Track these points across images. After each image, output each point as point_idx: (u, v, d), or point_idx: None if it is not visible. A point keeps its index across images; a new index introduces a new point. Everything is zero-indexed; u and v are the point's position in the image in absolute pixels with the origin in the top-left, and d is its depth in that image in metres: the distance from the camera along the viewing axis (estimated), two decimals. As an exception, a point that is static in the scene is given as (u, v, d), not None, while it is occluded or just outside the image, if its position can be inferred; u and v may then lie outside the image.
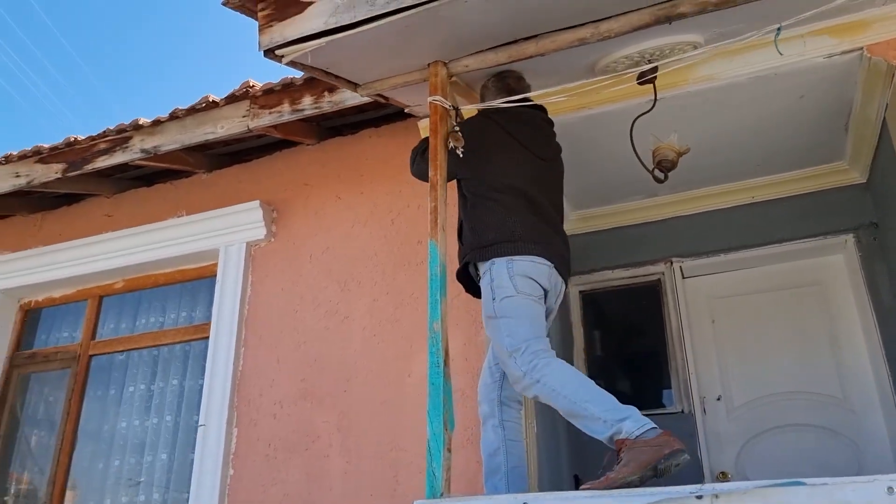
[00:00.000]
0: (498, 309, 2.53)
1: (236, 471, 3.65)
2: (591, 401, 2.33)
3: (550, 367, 2.43)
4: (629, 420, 2.24)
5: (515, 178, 2.69)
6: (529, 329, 2.49)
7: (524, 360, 2.42)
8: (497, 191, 2.68)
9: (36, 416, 4.58)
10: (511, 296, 2.51)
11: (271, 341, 3.85)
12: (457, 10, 2.38)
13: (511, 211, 2.62)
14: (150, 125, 3.91)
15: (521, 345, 2.45)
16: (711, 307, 4.41)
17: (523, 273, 2.53)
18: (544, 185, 2.77)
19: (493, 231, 2.60)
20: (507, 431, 2.63)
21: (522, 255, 2.54)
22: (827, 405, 4.01)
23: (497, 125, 2.79)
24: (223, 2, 2.49)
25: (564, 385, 2.38)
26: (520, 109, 2.83)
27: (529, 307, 2.53)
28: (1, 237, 4.99)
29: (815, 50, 3.20)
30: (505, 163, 2.74)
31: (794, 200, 4.23)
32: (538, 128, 2.91)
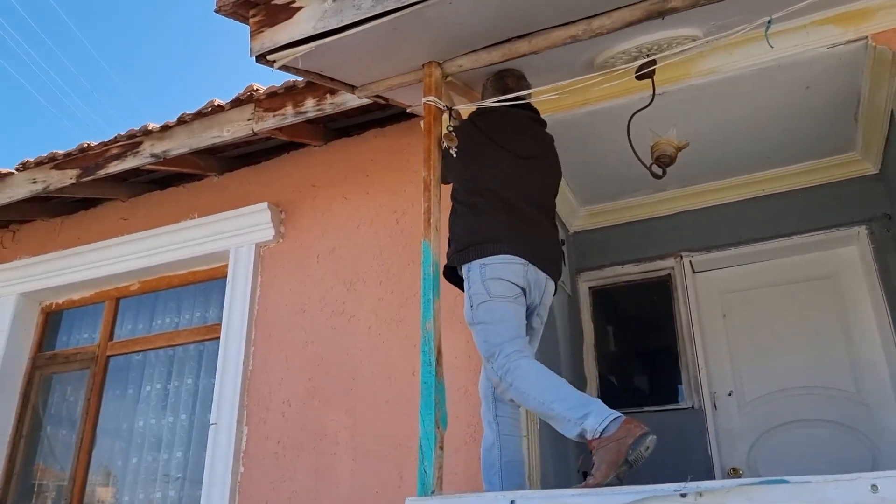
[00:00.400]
0: (474, 315, 2.58)
1: (247, 468, 3.71)
2: (556, 400, 2.33)
3: (520, 369, 2.44)
4: (591, 416, 2.22)
5: (491, 180, 2.72)
6: (504, 332, 2.52)
7: (498, 364, 2.46)
8: (471, 194, 2.73)
9: (57, 416, 4.70)
10: (485, 301, 2.54)
11: (280, 341, 3.90)
12: (443, 11, 2.39)
13: (481, 213, 2.66)
14: (160, 130, 3.98)
15: (494, 349, 2.49)
16: (723, 301, 4.37)
17: (495, 276, 2.55)
18: (524, 184, 2.76)
19: (465, 235, 2.66)
20: (501, 426, 2.66)
21: (492, 255, 2.57)
22: (840, 400, 3.95)
23: (476, 128, 2.82)
24: (216, 8, 2.54)
25: (532, 387, 2.40)
26: (502, 110, 2.84)
27: (503, 310, 2.55)
28: (23, 242, 5.13)
29: (819, 40, 3.16)
30: (480, 166, 2.77)
31: (806, 192, 4.17)
32: (521, 127, 2.90)
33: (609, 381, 4.46)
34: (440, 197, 2.70)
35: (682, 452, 4.04)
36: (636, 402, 4.38)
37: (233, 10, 2.56)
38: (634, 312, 4.75)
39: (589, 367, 4.47)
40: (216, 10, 2.54)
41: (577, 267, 4.66)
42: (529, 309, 2.71)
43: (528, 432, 3.20)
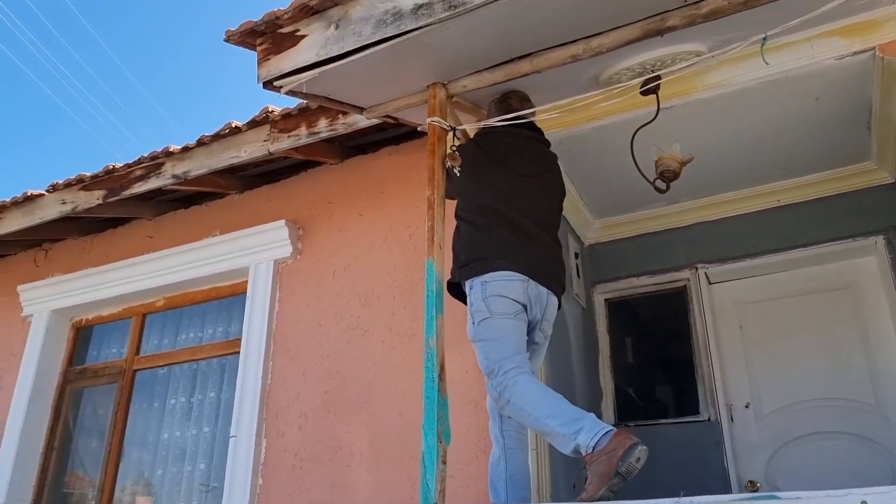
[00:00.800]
0: (476, 332, 2.64)
1: (265, 480, 3.80)
2: (550, 416, 2.37)
3: (518, 385, 2.48)
4: (583, 432, 2.25)
5: (491, 198, 2.78)
6: (503, 349, 2.57)
7: (497, 381, 2.51)
8: (473, 212, 2.80)
9: (87, 428, 4.86)
10: (486, 318, 2.61)
11: (297, 355, 3.99)
12: (440, 36, 2.46)
13: (482, 230, 2.72)
14: (180, 151, 4.12)
15: (494, 366, 2.54)
16: (739, 313, 4.35)
17: (496, 293, 2.61)
18: (523, 202, 2.82)
19: (467, 252, 2.72)
20: (506, 440, 2.71)
21: (492, 271, 2.62)
22: (859, 412, 3.91)
23: (479, 148, 2.90)
24: (225, 38, 2.65)
25: (528, 402, 2.44)
26: (504, 130, 2.91)
27: (504, 327, 2.60)
28: (55, 260, 5.31)
29: (826, 52, 3.16)
30: (481, 184, 2.84)
31: (822, 202, 4.14)
32: (521, 146, 2.96)
33: (625, 393, 4.46)
34: (444, 215, 2.76)
35: (698, 465, 4.03)
36: (652, 415, 4.38)
37: (241, 38, 2.66)
38: (650, 324, 4.75)
39: (605, 380, 4.48)
40: (225, 39, 2.65)
41: (593, 279, 4.68)
42: (531, 325, 2.76)
43: (538, 446, 3.24)
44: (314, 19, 2.59)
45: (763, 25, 2.66)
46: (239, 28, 2.67)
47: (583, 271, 4.52)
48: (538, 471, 3.18)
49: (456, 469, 3.28)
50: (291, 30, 2.61)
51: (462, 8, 2.31)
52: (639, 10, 2.58)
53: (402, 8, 2.42)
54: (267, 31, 2.65)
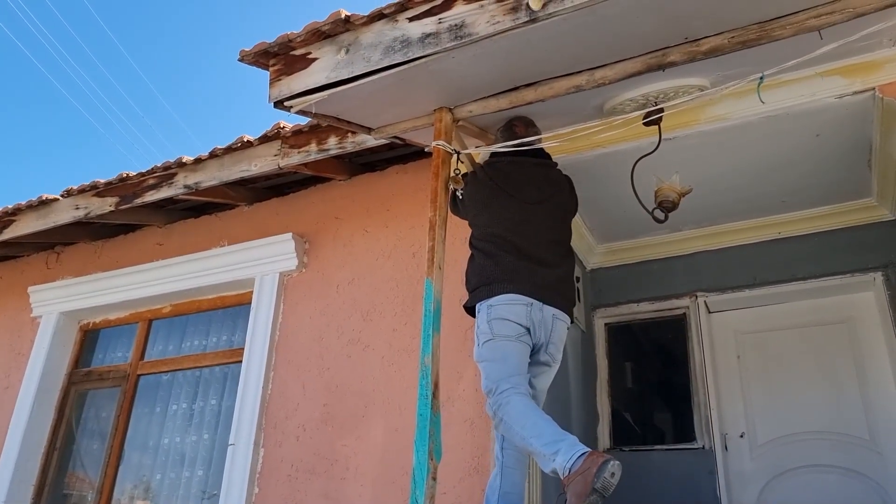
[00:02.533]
0: (479, 353, 2.75)
1: (261, 489, 3.85)
2: (534, 436, 2.44)
3: (510, 404, 2.57)
4: (560, 455, 2.31)
5: (498, 227, 2.88)
6: (503, 370, 2.65)
7: (494, 400, 2.61)
8: (481, 240, 2.91)
9: (89, 430, 4.92)
10: (489, 339, 2.70)
11: (298, 367, 4.05)
12: (447, 64, 2.54)
13: (491, 257, 2.81)
14: (193, 163, 4.21)
15: (492, 386, 2.63)
16: (737, 342, 4.39)
17: (500, 316, 2.70)
18: (531, 227, 2.90)
19: (475, 277, 2.83)
20: (505, 458, 2.78)
21: (498, 295, 2.72)
22: (853, 446, 3.93)
23: (486, 177, 2.98)
24: (239, 58, 2.74)
25: (516, 421, 2.52)
26: (509, 159, 3.00)
27: (505, 349, 2.69)
28: (66, 263, 5.41)
29: (827, 90, 3.21)
30: (490, 214, 2.94)
31: (822, 237, 4.19)
32: (526, 174, 3.02)
33: (621, 417, 4.50)
34: (445, 236, 2.83)
35: (691, 493, 4.06)
36: (647, 441, 4.41)
37: (254, 59, 2.75)
38: (649, 350, 4.79)
39: (602, 404, 4.51)
40: (239, 59, 2.74)
41: (593, 303, 4.73)
42: (536, 347, 2.82)
43: (530, 465, 3.27)
44: (325, 43, 2.68)
45: (764, 63, 2.73)
46: (253, 49, 2.76)
47: (584, 295, 4.57)
48: (529, 490, 3.22)
49: (449, 486, 3.32)
50: (303, 52, 2.70)
51: (468, 39, 2.39)
52: (641, 44, 2.66)
53: (409, 36, 2.51)
54: (280, 52, 2.74)
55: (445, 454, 2.88)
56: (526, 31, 2.39)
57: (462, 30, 2.42)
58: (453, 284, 3.41)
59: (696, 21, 2.52)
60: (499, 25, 2.37)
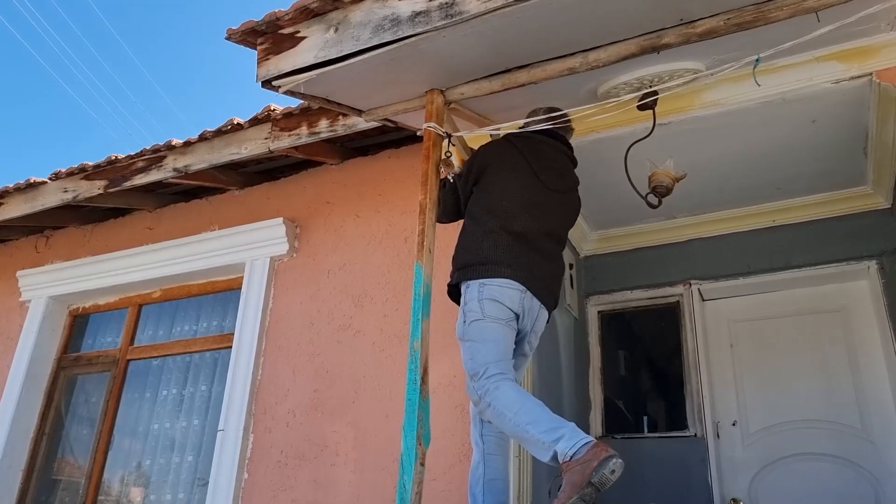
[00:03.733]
0: (465, 332, 2.61)
1: (251, 475, 3.82)
2: (531, 423, 2.35)
3: (499, 390, 2.47)
4: (562, 441, 2.25)
5: (510, 200, 2.74)
6: (491, 353, 2.55)
7: (480, 384, 2.49)
8: (485, 211, 2.75)
9: (78, 416, 4.89)
10: (478, 319, 2.58)
11: (288, 352, 4.02)
12: (437, 44, 2.49)
13: (490, 234, 2.68)
14: (182, 146, 4.16)
15: (479, 369, 2.51)
16: (730, 331, 4.37)
17: (492, 297, 2.59)
18: (543, 213, 2.79)
19: (469, 254, 2.69)
20: (486, 445, 2.71)
21: (493, 277, 2.60)
22: (846, 435, 3.92)
23: (514, 148, 2.86)
24: (226, 36, 2.69)
25: (509, 408, 2.42)
26: (542, 138, 2.92)
27: (494, 331, 2.58)
28: (55, 247, 5.36)
29: (823, 75, 3.17)
30: (504, 184, 2.80)
31: (817, 225, 4.16)
32: (556, 160, 2.94)
33: (613, 405, 4.48)
34: (434, 220, 2.79)
35: (682, 480, 4.05)
36: (639, 428, 4.39)
37: (242, 37, 2.70)
38: (642, 338, 4.77)
39: (594, 391, 4.50)
40: (227, 37, 2.69)
41: (587, 290, 4.70)
42: (520, 335, 2.76)
43: (521, 453, 3.26)
44: (314, 22, 2.63)
45: (760, 46, 2.69)
46: (240, 27, 2.71)
47: (577, 282, 4.55)
48: (520, 478, 3.20)
49: (440, 472, 3.30)
50: (291, 31, 2.65)
51: (458, 17, 2.34)
52: (636, 26, 2.61)
53: (399, 14, 2.45)
54: (267, 31, 2.69)
55: (435, 440, 2.85)
56: (517, 8, 2.33)
57: (453, 8, 2.36)
58: (444, 269, 3.36)
59: (691, 2, 2.48)
60: (490, 3, 2.32)
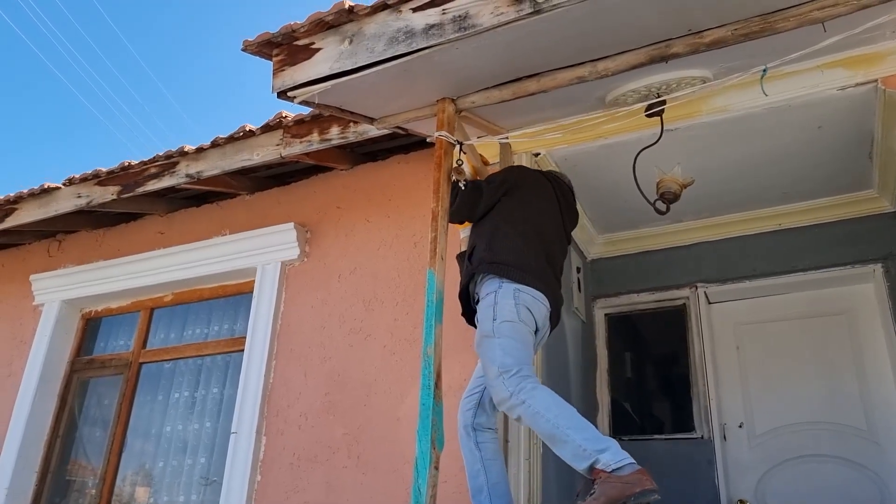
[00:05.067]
0: (497, 329, 2.59)
1: (263, 477, 3.87)
2: (573, 428, 2.37)
3: (538, 390, 2.49)
4: (608, 452, 2.27)
5: (539, 223, 2.86)
6: (525, 355, 2.58)
7: (513, 381, 2.48)
8: (523, 223, 2.81)
9: (91, 418, 4.95)
10: (512, 321, 2.59)
11: (300, 356, 4.07)
12: (450, 55, 2.54)
13: (530, 244, 2.76)
14: (195, 152, 4.21)
15: (513, 367, 2.50)
16: (737, 333, 4.42)
17: (526, 304, 2.63)
18: (559, 248, 2.95)
19: (509, 254, 2.71)
20: (483, 452, 2.74)
21: (528, 286, 2.65)
22: (851, 437, 3.96)
23: (549, 184, 3.03)
24: (242, 48, 2.74)
25: (549, 409, 2.43)
26: (566, 188, 3.13)
27: (526, 336, 2.63)
28: (68, 251, 5.42)
29: (829, 82, 3.21)
30: (538, 207, 2.91)
31: (822, 228, 4.20)
32: (571, 207, 3.12)
33: (621, 407, 4.52)
34: (447, 227, 2.83)
35: (689, 482, 4.09)
36: (646, 430, 4.44)
37: (258, 49, 2.75)
38: (649, 340, 4.81)
39: (601, 393, 4.54)
40: (243, 48, 2.74)
41: (593, 293, 4.75)
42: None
43: (531, 455, 3.31)
44: (329, 34, 2.68)
45: (766, 55, 2.73)
46: (256, 39, 2.76)
47: (584, 285, 4.59)
48: (530, 480, 3.25)
49: (451, 474, 3.35)
50: (307, 43, 2.70)
51: (472, 30, 2.39)
52: (644, 36, 2.65)
53: (413, 27, 2.50)
54: (283, 42, 2.73)
55: (448, 444, 2.89)
56: (529, 22, 2.38)
57: (466, 21, 2.41)
58: (455, 275, 3.42)
59: (700, 13, 2.52)
60: (503, 17, 2.37)
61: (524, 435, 3.29)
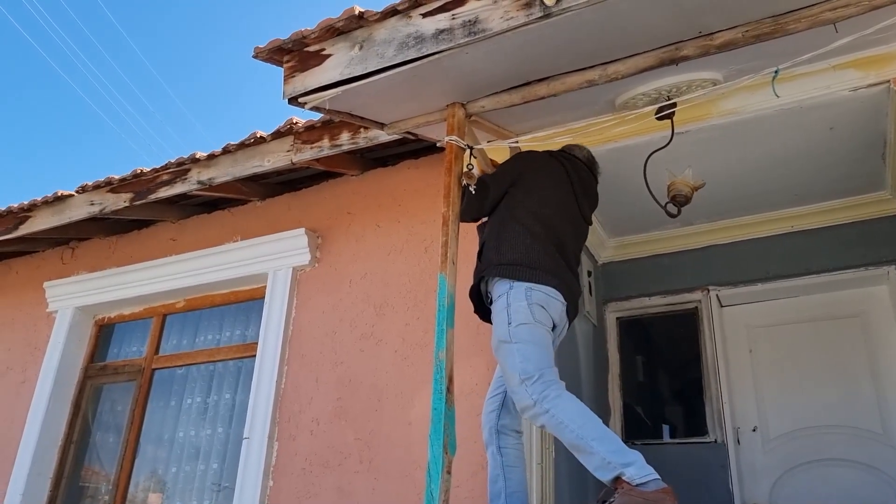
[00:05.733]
0: (514, 334, 2.53)
1: (276, 482, 3.88)
2: (598, 439, 2.33)
3: (562, 399, 2.43)
4: (633, 466, 2.24)
5: (553, 216, 2.78)
6: (544, 358, 2.51)
7: (536, 388, 2.43)
8: (534, 219, 2.74)
9: (105, 424, 4.98)
10: (527, 323, 2.53)
11: (311, 361, 4.08)
12: (459, 60, 2.55)
13: (537, 239, 2.68)
14: (206, 158, 4.24)
15: (535, 373, 2.45)
16: (749, 336, 4.39)
17: (539, 302, 2.57)
18: (573, 234, 2.87)
19: (517, 252, 2.65)
20: (504, 458, 2.70)
21: (540, 283, 2.59)
22: (866, 440, 3.93)
23: (562, 166, 2.94)
24: (253, 55, 2.76)
25: (574, 419, 2.38)
26: (583, 166, 3.03)
27: (544, 336, 2.56)
28: (81, 258, 5.46)
29: (841, 83, 3.20)
30: (550, 198, 2.83)
31: (835, 230, 4.18)
32: (589, 187, 3.06)
33: (633, 411, 4.50)
34: (458, 232, 2.83)
35: (703, 486, 4.06)
36: (659, 434, 4.41)
37: (269, 56, 2.77)
38: (660, 344, 4.79)
39: (613, 397, 4.52)
40: (254, 55, 2.76)
41: (605, 297, 4.74)
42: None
43: (543, 460, 3.30)
44: (339, 40, 2.69)
45: (777, 57, 2.72)
46: (267, 45, 2.78)
47: (595, 289, 4.58)
48: (542, 485, 3.24)
49: (463, 479, 3.34)
50: (317, 49, 2.71)
51: (481, 35, 2.40)
52: (654, 39, 2.65)
53: (423, 32, 2.51)
54: (294, 49, 2.75)
55: (459, 448, 2.88)
56: (539, 26, 2.39)
57: (476, 25, 2.42)
58: (466, 279, 3.41)
59: (710, 15, 2.52)
60: (512, 21, 2.37)
61: (536, 439, 3.28)
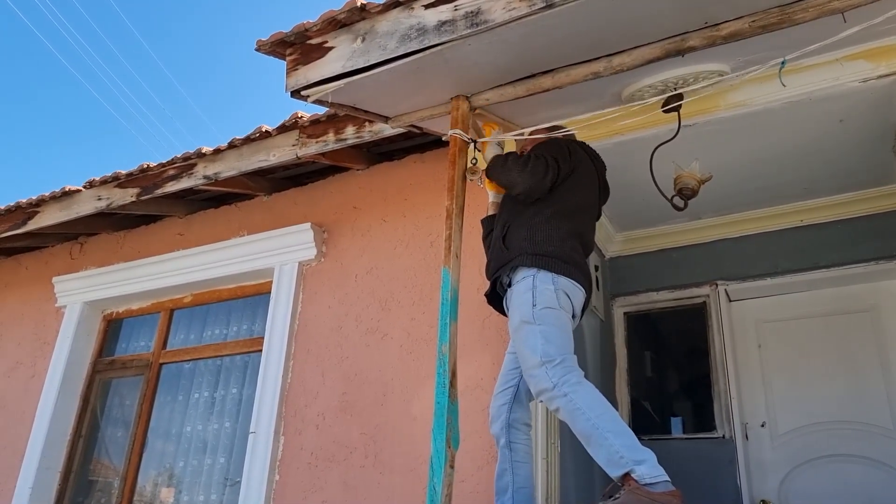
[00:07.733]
0: (538, 316, 2.50)
1: (282, 476, 3.89)
2: (612, 432, 2.29)
3: (582, 386, 2.40)
4: (645, 465, 2.21)
5: (585, 213, 2.82)
6: (567, 343, 2.50)
7: (557, 371, 2.40)
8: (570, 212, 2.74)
9: (113, 418, 5.00)
10: (553, 307, 2.52)
11: (317, 356, 4.08)
12: (462, 52, 2.53)
13: (571, 234, 2.69)
14: (212, 153, 4.24)
15: (557, 356, 2.42)
16: (758, 331, 4.35)
17: (565, 289, 2.56)
18: (592, 228, 2.90)
19: (552, 245, 2.62)
20: (514, 453, 2.67)
21: (566, 276, 2.58)
22: (876, 436, 3.89)
23: (592, 164, 2.94)
24: (256, 47, 2.75)
25: (591, 408, 2.34)
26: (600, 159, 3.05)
27: (567, 323, 2.56)
28: (89, 254, 5.49)
29: (851, 74, 3.15)
30: (581, 192, 2.82)
31: (845, 224, 4.13)
32: (605, 182, 3.07)
33: (640, 406, 4.48)
34: (461, 226, 2.82)
35: (711, 482, 4.04)
36: (667, 429, 4.39)
37: (271, 48, 2.76)
38: (668, 339, 4.76)
39: (621, 392, 4.50)
40: (256, 48, 2.75)
41: (612, 292, 4.71)
42: None
43: (548, 455, 3.28)
44: (342, 32, 2.68)
45: (784, 49, 2.68)
46: (269, 38, 2.77)
47: (603, 284, 4.55)
48: (548, 480, 3.22)
49: (468, 473, 3.34)
50: (319, 41, 2.70)
51: (484, 26, 2.38)
52: (660, 30, 2.62)
53: (425, 24, 2.49)
54: (296, 41, 2.74)
55: (463, 443, 2.87)
56: (542, 16, 2.36)
57: (478, 17, 2.40)
58: (470, 273, 3.41)
59: (716, 5, 2.48)
60: (515, 12, 2.35)
61: (542, 433, 3.26)
